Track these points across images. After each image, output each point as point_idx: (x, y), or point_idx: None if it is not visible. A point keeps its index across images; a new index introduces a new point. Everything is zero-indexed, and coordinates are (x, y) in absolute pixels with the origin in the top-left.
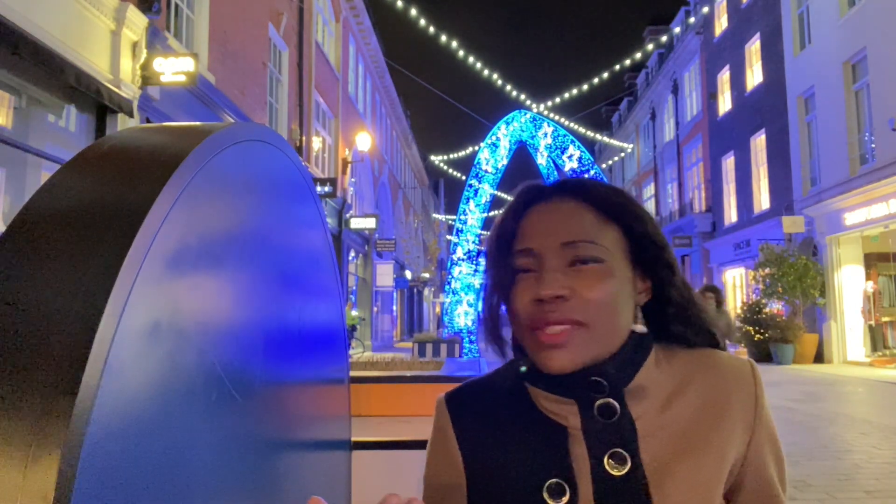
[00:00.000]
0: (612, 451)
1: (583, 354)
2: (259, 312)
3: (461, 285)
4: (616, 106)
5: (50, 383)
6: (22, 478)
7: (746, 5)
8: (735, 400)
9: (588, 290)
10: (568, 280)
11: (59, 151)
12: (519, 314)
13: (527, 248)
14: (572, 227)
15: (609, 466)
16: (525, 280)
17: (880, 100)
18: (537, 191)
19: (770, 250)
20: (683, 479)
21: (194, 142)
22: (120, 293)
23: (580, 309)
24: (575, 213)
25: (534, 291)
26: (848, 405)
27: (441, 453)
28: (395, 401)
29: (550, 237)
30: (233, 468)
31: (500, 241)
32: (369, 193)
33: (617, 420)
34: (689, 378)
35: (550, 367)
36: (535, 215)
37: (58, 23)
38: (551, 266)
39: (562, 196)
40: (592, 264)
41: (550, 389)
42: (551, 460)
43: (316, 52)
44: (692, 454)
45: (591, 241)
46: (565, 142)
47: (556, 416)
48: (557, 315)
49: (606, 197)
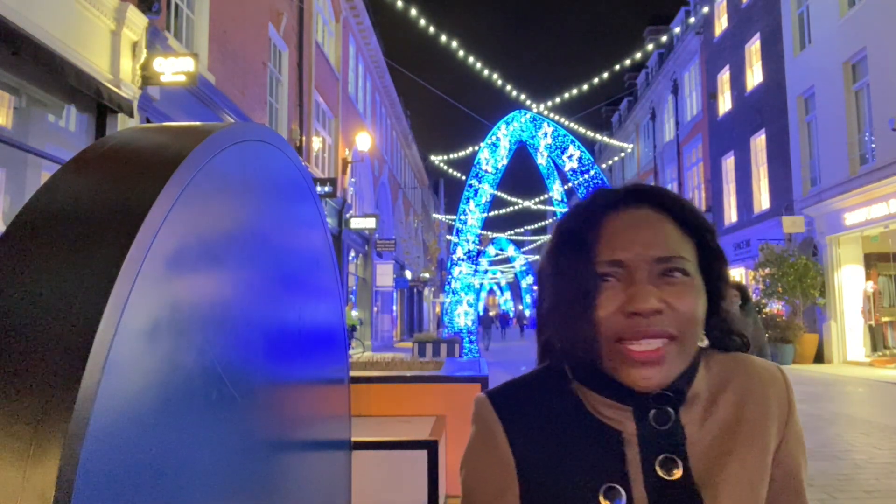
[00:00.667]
0: (663, 457)
1: (673, 371)
2: (259, 312)
3: (461, 285)
4: (616, 106)
5: (50, 383)
6: (22, 478)
7: (746, 5)
8: (772, 402)
9: (681, 303)
10: (660, 293)
11: (59, 151)
12: (603, 324)
13: (617, 260)
14: (664, 241)
15: (661, 472)
16: (611, 289)
17: (880, 100)
18: (613, 196)
19: (770, 250)
20: (731, 482)
21: (194, 142)
22: (120, 293)
23: (674, 322)
24: (661, 225)
25: (622, 302)
26: (848, 405)
27: (489, 455)
28: (395, 401)
29: (643, 250)
30: (233, 468)
31: (576, 245)
32: (369, 193)
33: (670, 427)
34: (725, 382)
35: (640, 384)
36: (617, 223)
37: (58, 23)
38: (643, 278)
39: (639, 205)
40: (683, 278)
41: (610, 395)
42: (606, 465)
43: (316, 52)
44: (737, 456)
45: (682, 256)
46: (565, 142)
47: (611, 420)
48: (654, 329)
49: (683, 209)
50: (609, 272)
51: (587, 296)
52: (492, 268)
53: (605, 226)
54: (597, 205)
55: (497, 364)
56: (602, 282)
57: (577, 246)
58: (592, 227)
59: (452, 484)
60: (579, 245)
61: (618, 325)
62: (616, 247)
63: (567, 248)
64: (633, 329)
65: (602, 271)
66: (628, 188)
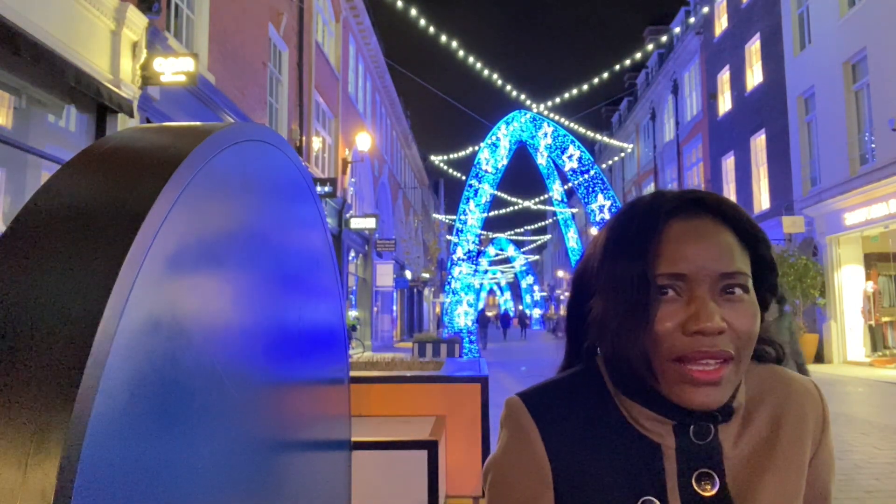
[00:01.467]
0: (699, 472)
1: (729, 391)
2: (259, 312)
3: (461, 285)
4: (616, 106)
5: (50, 383)
6: (22, 478)
7: (746, 5)
8: (809, 419)
9: (741, 322)
10: (722, 311)
11: (59, 151)
12: (661, 341)
13: (680, 274)
14: (729, 256)
15: (697, 487)
16: (671, 304)
17: (880, 100)
18: (673, 202)
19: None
20: (767, 500)
21: (194, 142)
22: (120, 293)
23: (733, 342)
24: (723, 237)
25: (683, 320)
26: (848, 405)
27: (523, 459)
28: (395, 401)
29: (707, 264)
30: (232, 468)
31: (634, 254)
32: (369, 193)
33: (709, 442)
34: (761, 396)
35: (698, 405)
36: (679, 233)
37: (58, 23)
38: (704, 294)
39: (699, 213)
40: (742, 294)
41: (655, 409)
42: (646, 477)
43: (316, 52)
44: (773, 474)
45: (744, 272)
46: (565, 142)
47: (651, 433)
48: (715, 349)
49: (742, 220)
50: (669, 284)
51: (645, 309)
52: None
53: (665, 234)
54: (656, 210)
55: (497, 364)
56: (660, 294)
57: (636, 253)
58: (652, 235)
59: (452, 484)
60: (638, 253)
61: (678, 343)
62: (678, 259)
63: (624, 254)
64: (695, 348)
65: (662, 283)
66: (687, 195)
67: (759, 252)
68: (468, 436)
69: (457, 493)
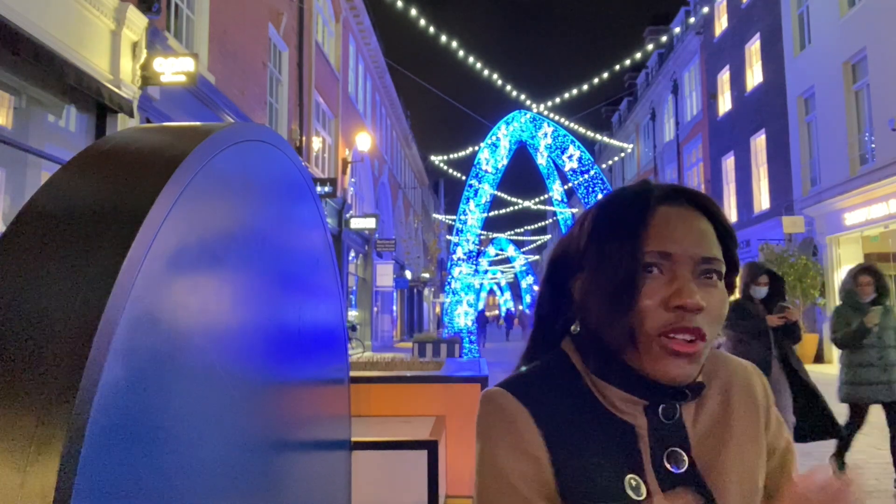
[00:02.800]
0: (670, 450)
1: (699, 367)
2: (259, 312)
3: (461, 285)
4: (616, 106)
5: (50, 383)
6: (22, 478)
7: (746, 5)
8: (757, 392)
9: (715, 306)
10: (700, 292)
11: (59, 151)
12: (645, 315)
13: (667, 252)
14: (710, 243)
15: (669, 465)
16: (655, 281)
17: (880, 100)
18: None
19: (770, 250)
20: (732, 471)
21: (194, 142)
22: (120, 293)
23: (707, 321)
24: (706, 226)
25: (666, 296)
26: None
27: (518, 445)
28: (395, 401)
29: (692, 247)
30: (233, 468)
31: (624, 231)
32: (369, 193)
33: (675, 420)
34: (707, 376)
35: (672, 376)
36: (668, 217)
37: (58, 23)
38: (687, 274)
39: (689, 206)
40: (717, 280)
41: (628, 389)
42: (625, 457)
43: (316, 52)
44: (733, 446)
45: (720, 260)
46: (565, 142)
47: (624, 414)
48: (693, 325)
49: (720, 217)
50: (655, 263)
51: (633, 285)
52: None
53: (654, 217)
54: (646, 195)
55: (496, 364)
56: (646, 272)
57: (627, 233)
58: (642, 217)
59: (452, 484)
60: (629, 233)
61: (661, 317)
62: (667, 239)
63: (615, 234)
64: (676, 323)
65: (649, 261)
66: (675, 187)
67: (728, 247)
68: (468, 436)
69: (457, 493)
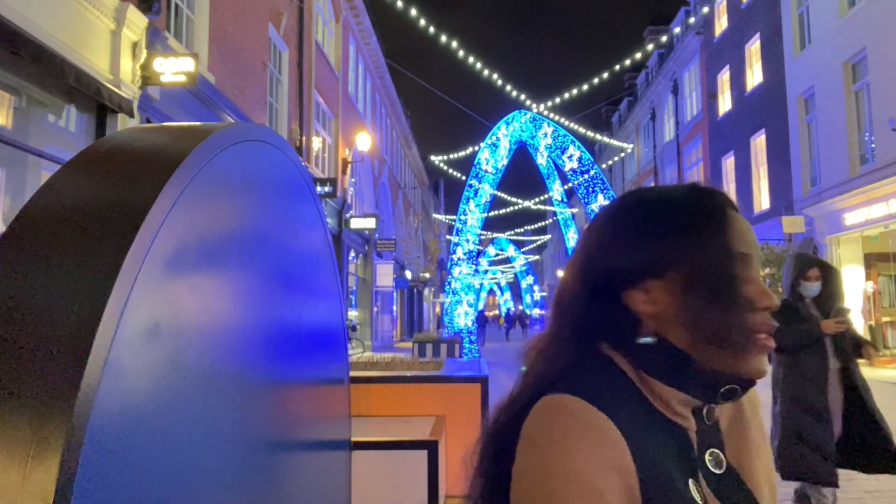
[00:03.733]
0: (711, 451)
1: None
2: (259, 312)
3: (461, 285)
4: (616, 106)
5: (50, 383)
6: (22, 478)
7: (746, 5)
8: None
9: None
10: None
11: (59, 151)
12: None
13: (748, 255)
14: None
15: (711, 466)
16: (757, 284)
17: (880, 100)
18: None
19: (770, 250)
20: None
21: (194, 142)
22: (120, 293)
23: None
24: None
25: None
26: None
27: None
28: (395, 401)
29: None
30: (233, 468)
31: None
32: (369, 193)
33: (714, 423)
34: None
35: (764, 370)
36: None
37: (58, 23)
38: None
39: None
40: None
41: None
42: (685, 461)
43: (316, 52)
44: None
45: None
46: (565, 142)
47: (678, 417)
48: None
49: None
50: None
51: (734, 281)
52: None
53: (733, 221)
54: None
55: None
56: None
57: (720, 236)
58: (725, 220)
59: (452, 484)
60: (721, 235)
61: (760, 317)
62: (748, 243)
63: (708, 229)
64: (767, 322)
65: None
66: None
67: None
68: (468, 436)
69: (457, 493)
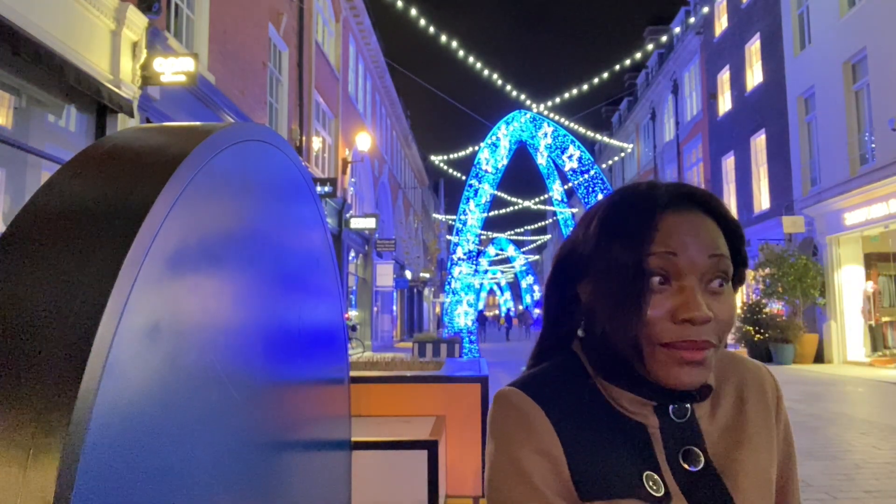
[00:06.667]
0: (685, 449)
1: (709, 371)
2: (259, 312)
3: (461, 285)
4: (616, 106)
5: (50, 383)
6: (22, 478)
7: (746, 5)
8: (768, 393)
9: (724, 313)
10: (707, 301)
11: (59, 151)
12: (651, 326)
13: (671, 250)
14: (716, 240)
15: (684, 463)
16: (662, 293)
17: (880, 100)
18: (665, 195)
19: (770, 250)
20: (747, 468)
21: (194, 142)
22: (120, 293)
23: (716, 331)
24: (713, 228)
25: (672, 307)
26: (848, 405)
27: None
28: (395, 401)
29: (698, 246)
30: (233, 468)
31: (629, 238)
32: (369, 193)
33: (687, 420)
34: (723, 376)
35: (683, 382)
36: (674, 224)
37: (58, 23)
38: (693, 286)
39: (694, 208)
40: (724, 286)
41: (638, 392)
42: (640, 455)
43: (316, 52)
44: (748, 444)
45: (727, 257)
46: (565, 142)
47: (635, 414)
48: (701, 337)
49: (729, 218)
50: (663, 271)
51: (639, 296)
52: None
53: (661, 223)
54: (652, 202)
55: (497, 364)
56: (654, 282)
57: (632, 242)
58: (648, 226)
59: (452, 484)
60: (634, 242)
61: (667, 329)
62: (672, 243)
63: (620, 242)
64: (683, 336)
65: (656, 267)
66: (681, 189)
67: (738, 247)
68: (468, 436)
69: (457, 493)
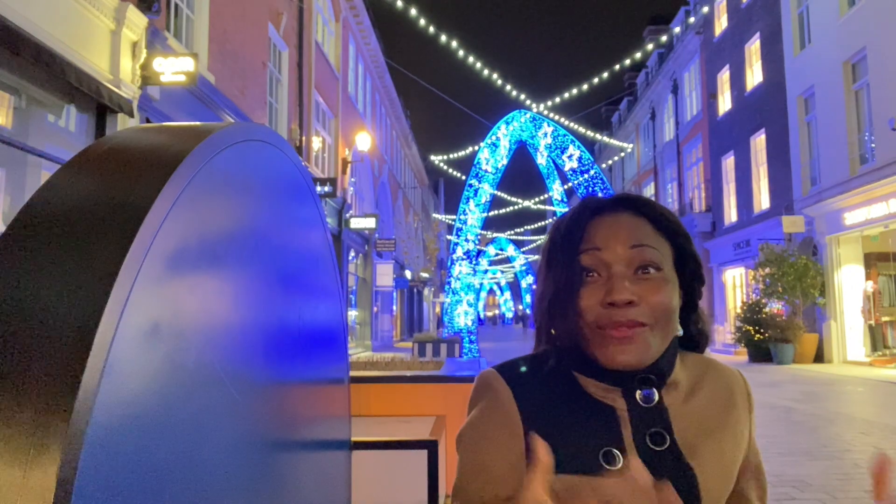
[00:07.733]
0: (652, 431)
1: (649, 352)
2: (259, 312)
3: (461, 285)
4: (616, 106)
5: (50, 383)
6: (22, 478)
7: (746, 5)
8: (738, 397)
9: (652, 295)
10: (634, 287)
11: (59, 151)
12: (585, 313)
13: (595, 247)
14: (638, 233)
15: (650, 443)
16: (593, 283)
17: (880, 100)
18: (599, 203)
19: (770, 250)
20: (710, 455)
21: (194, 142)
22: (120, 293)
23: (646, 313)
24: (638, 222)
25: (602, 295)
26: (848, 405)
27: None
28: (395, 401)
29: (619, 240)
30: (233, 468)
31: (566, 244)
32: (369, 193)
33: (655, 405)
34: (700, 377)
35: (619, 361)
36: (601, 224)
37: (58, 23)
38: (619, 273)
39: (622, 209)
40: (654, 272)
41: (600, 379)
42: (605, 433)
43: (316, 52)
44: (714, 435)
45: (652, 246)
46: (565, 142)
47: (605, 398)
48: (627, 318)
49: (662, 215)
50: (590, 262)
51: (572, 287)
52: (492, 268)
53: (590, 226)
54: (585, 210)
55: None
56: (586, 276)
57: (566, 244)
58: (579, 228)
59: (452, 484)
60: (567, 243)
61: (597, 313)
62: (596, 238)
63: (557, 245)
64: (610, 318)
65: (585, 261)
66: (614, 197)
67: (680, 244)
68: None
69: None
